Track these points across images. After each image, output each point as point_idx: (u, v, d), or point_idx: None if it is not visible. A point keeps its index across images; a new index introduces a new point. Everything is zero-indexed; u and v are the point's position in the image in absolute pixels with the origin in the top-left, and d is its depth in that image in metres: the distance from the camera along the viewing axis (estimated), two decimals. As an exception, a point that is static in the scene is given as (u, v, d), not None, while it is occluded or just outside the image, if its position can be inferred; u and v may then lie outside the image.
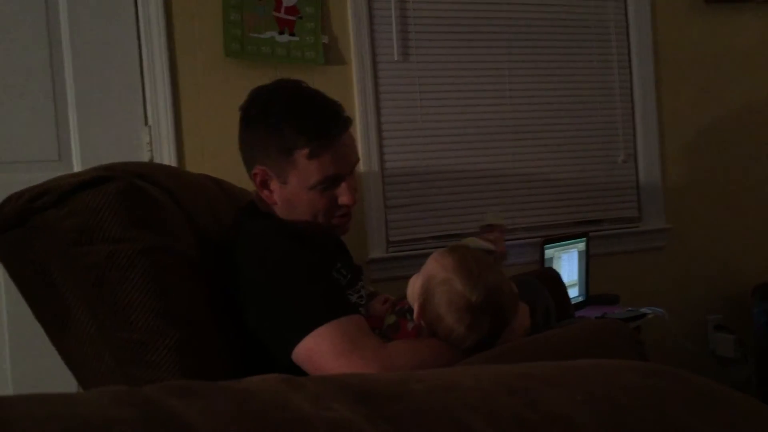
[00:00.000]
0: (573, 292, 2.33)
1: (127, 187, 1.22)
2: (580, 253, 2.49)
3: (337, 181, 1.39)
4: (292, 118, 1.37)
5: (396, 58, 2.46)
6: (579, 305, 2.41)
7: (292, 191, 1.39)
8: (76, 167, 2.07)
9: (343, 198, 1.40)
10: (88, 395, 0.43)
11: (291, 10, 2.30)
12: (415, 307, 1.26)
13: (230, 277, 1.29)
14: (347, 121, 1.41)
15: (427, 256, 1.33)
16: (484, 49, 2.59)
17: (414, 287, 1.29)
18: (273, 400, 0.46)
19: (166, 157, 2.16)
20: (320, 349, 1.19)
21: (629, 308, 2.40)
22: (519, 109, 2.64)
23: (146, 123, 2.18)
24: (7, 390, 2.01)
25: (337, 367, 1.16)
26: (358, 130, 2.34)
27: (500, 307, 1.21)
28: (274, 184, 1.40)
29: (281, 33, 2.28)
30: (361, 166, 2.37)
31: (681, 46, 2.85)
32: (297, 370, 1.20)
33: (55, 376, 1.93)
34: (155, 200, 1.28)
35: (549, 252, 2.35)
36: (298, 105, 1.39)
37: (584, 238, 2.51)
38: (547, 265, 2.31)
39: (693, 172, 2.88)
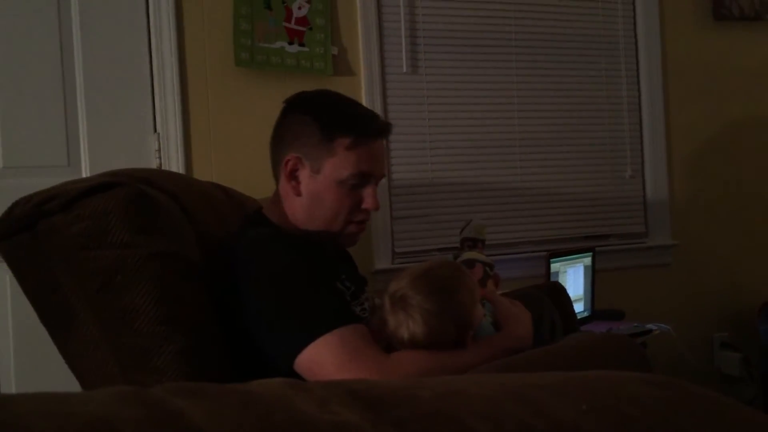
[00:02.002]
0: (578, 307, 2.32)
1: (135, 193, 1.22)
2: (586, 267, 2.49)
3: (366, 182, 1.41)
4: (340, 108, 1.45)
5: (405, 71, 2.47)
6: (584, 320, 2.40)
7: (321, 183, 1.39)
8: (85, 173, 2.09)
9: (368, 201, 1.41)
10: (95, 394, 0.43)
11: (301, 20, 2.31)
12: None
13: (232, 284, 1.29)
14: (389, 126, 1.46)
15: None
16: (493, 62, 2.60)
17: None
18: (278, 403, 0.46)
19: (174, 164, 2.17)
20: (322, 360, 1.19)
21: (635, 324, 2.39)
22: (526, 122, 2.64)
23: (155, 130, 2.19)
24: (11, 391, 2.01)
25: (338, 377, 1.16)
26: (365, 141, 2.35)
27: (402, 298, 1.22)
28: (304, 174, 1.40)
29: (291, 43, 2.30)
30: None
31: (690, 62, 2.85)
32: (298, 379, 1.19)
33: (58, 380, 1.93)
34: (162, 206, 1.28)
35: (555, 266, 2.35)
36: (346, 102, 1.47)
37: (590, 253, 2.51)
38: (552, 279, 2.31)
39: (700, 189, 2.88)
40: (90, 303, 1.17)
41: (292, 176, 1.41)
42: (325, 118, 1.40)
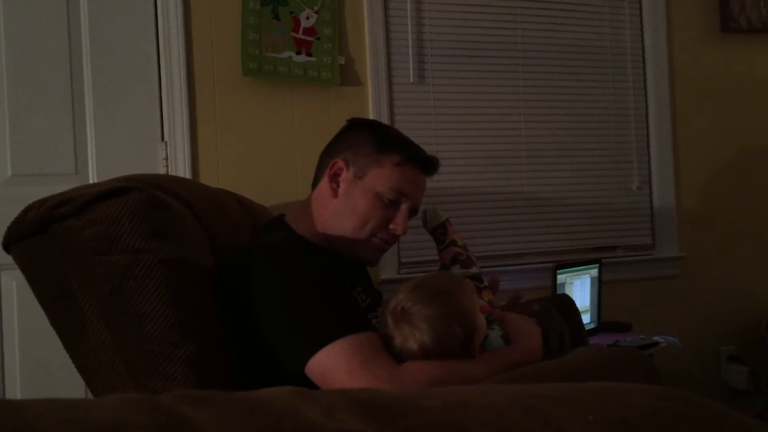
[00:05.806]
0: (585, 319, 2.31)
1: (148, 198, 1.23)
2: (592, 279, 2.48)
3: (401, 203, 1.45)
4: (398, 134, 1.55)
5: (412, 81, 2.47)
6: (591, 332, 2.39)
7: (360, 188, 1.44)
8: (93, 181, 2.09)
9: (397, 223, 1.46)
10: (103, 401, 0.43)
11: (309, 31, 2.33)
12: None
13: (246, 288, 1.29)
14: (437, 163, 1.53)
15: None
16: (500, 73, 2.60)
17: None
18: (285, 411, 0.46)
19: (182, 173, 2.18)
20: (334, 365, 1.19)
21: (642, 336, 2.38)
22: (533, 133, 2.64)
23: (163, 139, 2.20)
24: (16, 397, 2.01)
25: (349, 384, 1.16)
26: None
27: (403, 311, 1.21)
28: (346, 177, 1.45)
29: (298, 53, 2.31)
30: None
31: (697, 74, 2.85)
32: (307, 385, 1.19)
33: (63, 386, 1.93)
34: (174, 212, 1.29)
35: (561, 277, 2.34)
36: (405, 136, 1.55)
37: (597, 264, 2.50)
38: (559, 290, 2.30)
39: (708, 201, 2.87)
40: (101, 307, 1.18)
41: (334, 179, 1.46)
42: (382, 135, 1.50)
